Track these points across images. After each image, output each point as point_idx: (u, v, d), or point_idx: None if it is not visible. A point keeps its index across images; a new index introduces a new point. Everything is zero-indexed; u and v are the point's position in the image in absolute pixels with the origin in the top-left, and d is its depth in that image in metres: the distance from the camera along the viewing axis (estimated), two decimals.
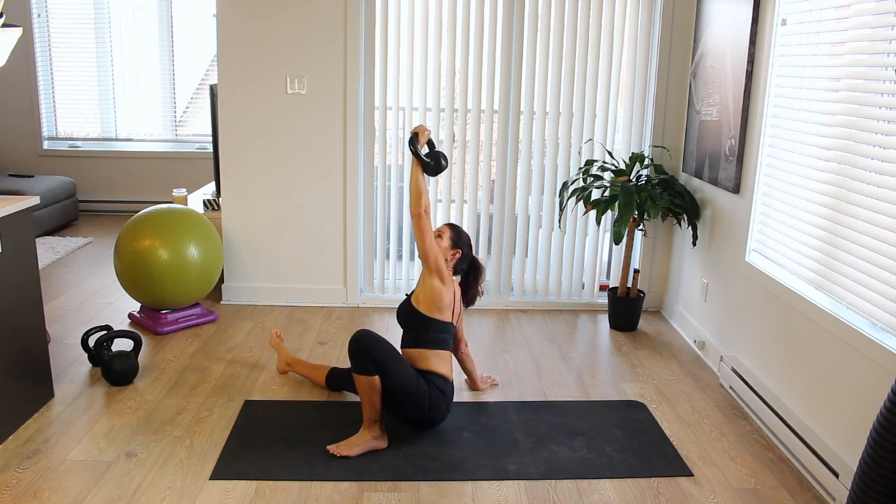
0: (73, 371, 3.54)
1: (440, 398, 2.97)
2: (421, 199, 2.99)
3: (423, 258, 3.04)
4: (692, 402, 3.43)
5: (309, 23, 4.27)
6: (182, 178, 7.05)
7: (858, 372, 2.55)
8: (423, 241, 3.00)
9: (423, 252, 3.02)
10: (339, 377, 3.35)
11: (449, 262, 3.13)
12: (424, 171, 3.06)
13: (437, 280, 3.03)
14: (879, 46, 2.52)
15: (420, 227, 2.99)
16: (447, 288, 3.05)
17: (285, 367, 3.53)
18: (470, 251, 3.23)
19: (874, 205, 2.50)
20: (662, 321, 4.53)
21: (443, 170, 3.08)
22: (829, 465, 2.63)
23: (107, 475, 2.68)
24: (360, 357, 2.82)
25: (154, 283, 3.90)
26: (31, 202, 3.06)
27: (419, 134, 3.07)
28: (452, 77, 4.43)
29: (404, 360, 2.93)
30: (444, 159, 3.08)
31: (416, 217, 2.99)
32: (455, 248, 3.15)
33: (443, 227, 3.22)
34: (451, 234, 3.18)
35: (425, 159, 3.06)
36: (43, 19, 6.78)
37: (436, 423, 3.02)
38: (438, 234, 3.16)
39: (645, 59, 4.41)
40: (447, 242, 3.15)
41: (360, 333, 2.87)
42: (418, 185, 3.02)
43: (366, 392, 2.84)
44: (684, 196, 4.07)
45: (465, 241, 3.21)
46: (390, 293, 4.71)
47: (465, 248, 3.19)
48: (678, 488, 2.72)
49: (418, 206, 2.99)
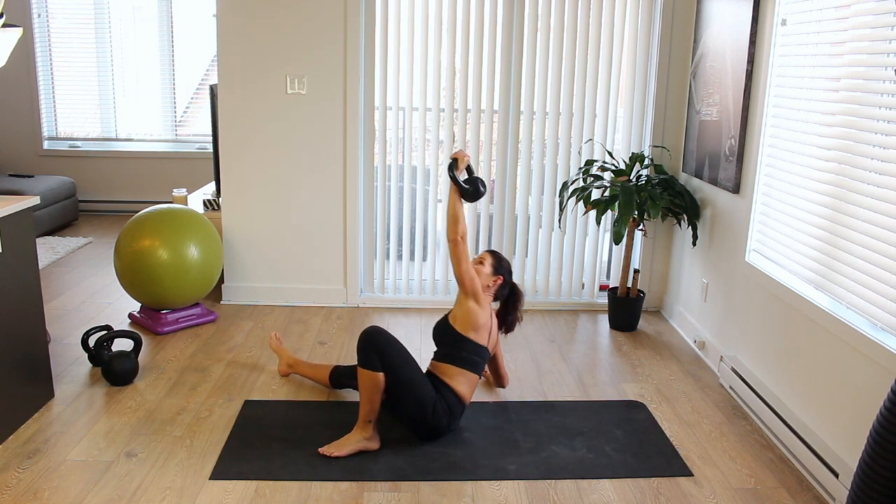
0: (73, 371, 3.54)
1: (444, 412, 2.93)
2: (458, 225, 2.99)
3: (459, 282, 3.03)
4: (692, 402, 3.43)
5: (309, 23, 4.27)
6: (182, 178, 7.05)
7: (858, 372, 2.55)
8: (459, 266, 3.00)
9: (459, 276, 3.02)
10: (342, 374, 3.35)
11: (490, 288, 3.15)
12: (463, 197, 3.05)
13: (473, 302, 3.04)
14: (879, 46, 2.52)
15: (456, 252, 2.99)
16: (483, 310, 3.06)
17: (287, 369, 3.53)
18: (510, 277, 3.24)
19: (874, 205, 2.50)
20: (662, 321, 4.53)
21: (481, 196, 3.08)
22: (828, 465, 2.63)
23: (107, 475, 2.68)
24: (368, 351, 2.82)
25: (154, 283, 3.90)
26: (31, 202, 3.06)
27: (458, 160, 3.08)
28: (452, 77, 4.43)
29: (415, 362, 2.92)
30: (483, 185, 3.07)
31: (453, 243, 2.99)
32: (496, 275, 3.16)
33: (484, 253, 3.24)
34: (493, 261, 3.19)
35: (463, 185, 3.05)
36: (43, 19, 6.78)
37: (434, 432, 2.96)
38: (480, 261, 3.18)
39: (645, 59, 4.41)
40: (489, 269, 3.16)
41: (372, 329, 2.88)
42: (455, 210, 3.02)
43: (367, 388, 2.84)
44: (684, 196, 4.07)
45: (507, 268, 3.22)
46: (390, 293, 4.71)
47: (506, 274, 3.20)
48: (678, 488, 2.72)
49: (455, 231, 2.98)
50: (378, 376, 2.82)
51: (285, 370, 3.53)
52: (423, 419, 2.91)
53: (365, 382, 2.84)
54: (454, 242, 2.99)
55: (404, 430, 3.04)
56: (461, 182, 3.06)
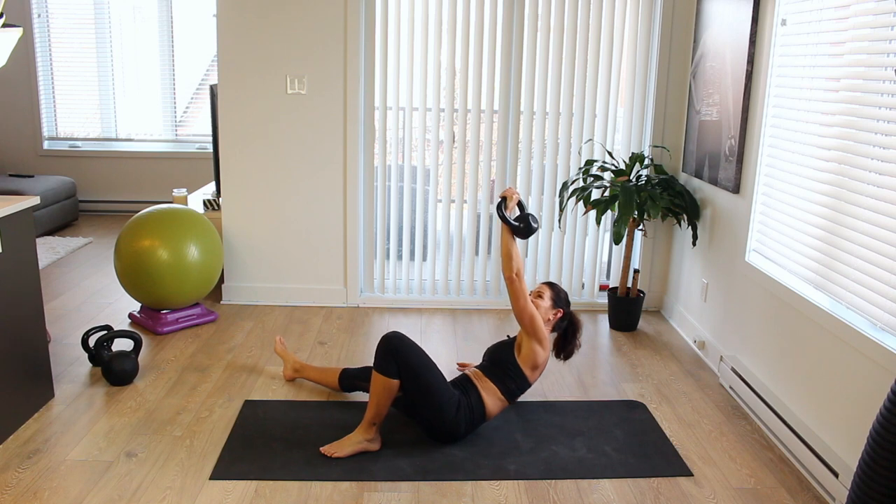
0: (73, 371, 3.54)
1: (466, 419, 2.91)
2: (512, 262, 2.95)
3: (519, 320, 3.00)
4: (692, 402, 3.43)
5: (309, 23, 4.27)
6: (182, 178, 7.06)
7: (858, 372, 2.55)
8: (517, 303, 2.96)
9: (518, 314, 2.98)
10: (352, 376, 3.31)
11: (551, 321, 3.12)
12: (515, 235, 3.02)
13: (536, 344, 3.00)
14: (879, 46, 2.52)
15: (513, 290, 2.96)
16: (545, 351, 3.04)
17: (293, 373, 3.49)
18: (570, 308, 3.21)
19: (874, 205, 2.50)
20: (662, 321, 4.53)
21: (533, 232, 3.03)
22: (828, 465, 2.63)
23: (107, 475, 2.68)
24: (387, 357, 2.80)
25: (154, 283, 3.90)
26: (32, 202, 3.06)
27: (507, 198, 3.05)
28: (452, 77, 4.43)
29: (436, 367, 2.89)
30: (534, 220, 3.02)
31: (509, 280, 2.96)
32: (556, 308, 3.13)
33: (541, 286, 3.19)
34: (552, 294, 3.15)
35: (514, 223, 3.01)
36: (43, 19, 6.79)
37: (450, 436, 2.93)
38: (538, 294, 3.14)
39: (645, 59, 4.41)
40: (548, 303, 3.12)
41: (392, 334, 2.84)
42: (508, 248, 2.98)
43: (378, 392, 2.82)
44: (684, 196, 4.08)
45: (565, 300, 3.19)
46: (390, 293, 4.71)
47: (565, 306, 3.17)
48: (678, 488, 2.72)
49: (510, 269, 2.95)
50: (393, 383, 2.80)
51: (291, 375, 3.49)
52: (440, 423, 2.89)
53: (377, 387, 2.82)
54: (510, 280, 2.95)
55: (404, 430, 3.04)
56: (512, 221, 3.01)
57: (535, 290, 3.18)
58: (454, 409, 2.88)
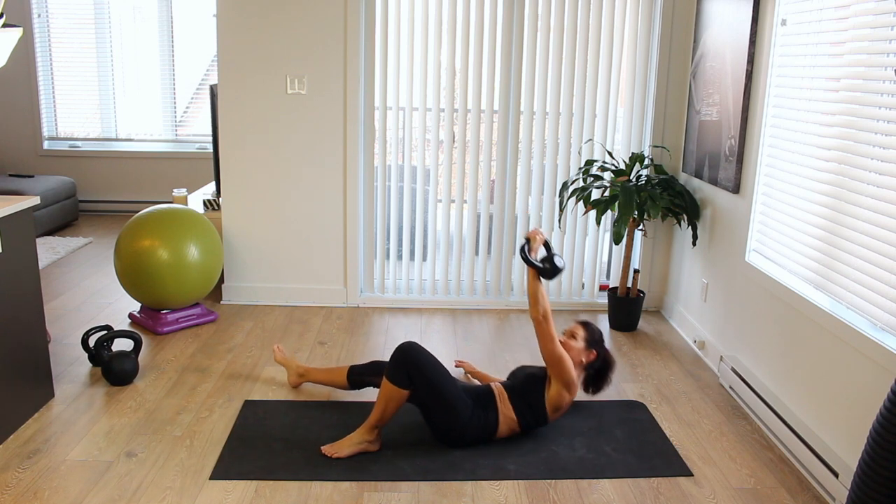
0: (73, 371, 3.54)
1: (478, 428, 2.91)
2: (538, 305, 2.90)
3: (547, 363, 2.94)
4: (692, 402, 3.43)
5: (309, 23, 4.27)
6: (182, 178, 7.06)
7: (858, 372, 2.55)
8: (545, 346, 2.91)
9: (546, 357, 2.93)
10: (361, 373, 3.26)
11: (583, 363, 3.07)
12: (542, 277, 2.97)
13: (563, 388, 2.95)
14: (879, 46, 2.52)
15: (540, 331, 2.91)
16: (572, 396, 3.00)
17: (298, 379, 3.40)
18: (604, 348, 3.13)
19: (874, 205, 2.50)
20: (662, 321, 4.53)
21: (558, 273, 2.97)
22: (828, 465, 2.63)
23: (107, 475, 2.68)
24: (400, 368, 2.79)
25: (154, 283, 3.90)
26: (32, 202, 3.06)
27: (531, 240, 3.02)
28: (452, 77, 4.43)
29: (450, 374, 2.89)
30: (560, 261, 2.97)
31: (536, 322, 2.91)
32: (590, 349, 3.07)
33: (575, 326, 3.12)
34: (585, 335, 3.08)
35: (538, 265, 2.97)
36: (43, 19, 6.79)
37: (458, 441, 2.93)
38: (571, 335, 3.09)
39: (645, 59, 4.41)
40: (581, 343, 3.06)
41: (407, 344, 2.83)
42: (534, 290, 2.92)
43: (386, 399, 2.81)
44: (684, 196, 4.08)
45: (599, 339, 3.11)
46: (390, 293, 4.71)
47: (599, 347, 3.10)
48: (678, 488, 2.72)
49: (536, 311, 2.90)
50: (403, 393, 2.80)
51: (296, 381, 3.41)
52: (450, 428, 2.89)
53: (386, 394, 2.81)
54: (537, 322, 2.90)
55: (404, 430, 3.04)
56: (536, 263, 2.97)
57: (568, 330, 3.11)
58: (466, 417, 2.87)
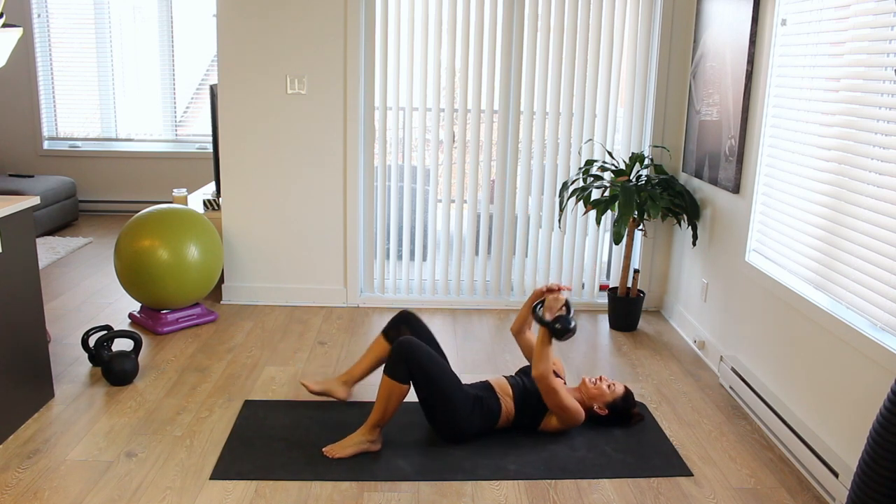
0: (73, 371, 3.54)
1: (481, 417, 2.94)
2: (538, 364, 2.91)
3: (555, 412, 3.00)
4: (692, 402, 3.43)
5: (309, 23, 4.27)
6: (182, 178, 7.06)
7: (858, 372, 2.55)
8: (552, 401, 2.95)
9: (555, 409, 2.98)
10: (392, 327, 3.19)
11: (593, 409, 3.10)
12: (554, 337, 2.94)
13: (563, 426, 3.04)
14: (879, 46, 2.52)
15: (544, 388, 2.93)
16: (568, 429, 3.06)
17: (345, 388, 3.24)
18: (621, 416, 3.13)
19: (874, 205, 2.50)
20: (662, 321, 4.53)
21: (568, 334, 2.90)
22: (828, 465, 2.63)
23: (107, 475, 2.68)
24: (399, 364, 2.79)
25: (154, 283, 3.90)
26: (32, 202, 3.06)
27: (552, 299, 3.00)
28: (452, 77, 4.43)
29: (451, 370, 2.90)
30: (571, 322, 2.91)
31: (537, 379, 2.93)
32: (607, 409, 3.09)
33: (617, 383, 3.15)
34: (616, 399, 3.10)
35: (548, 323, 2.94)
36: (43, 19, 6.78)
37: (460, 437, 2.94)
38: (607, 385, 3.12)
39: (645, 59, 4.41)
40: (605, 399, 3.09)
41: (405, 339, 2.83)
42: (539, 349, 2.92)
43: (385, 395, 2.81)
44: (684, 196, 4.08)
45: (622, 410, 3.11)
46: (390, 293, 4.71)
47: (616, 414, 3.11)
48: (678, 488, 2.72)
49: (537, 370, 2.91)
50: (402, 387, 2.80)
51: (346, 391, 3.24)
52: (453, 422, 2.90)
53: (386, 390, 2.81)
54: (538, 379, 2.92)
55: (404, 430, 3.04)
56: (545, 320, 2.94)
57: (607, 380, 3.13)
58: (468, 409, 2.89)
